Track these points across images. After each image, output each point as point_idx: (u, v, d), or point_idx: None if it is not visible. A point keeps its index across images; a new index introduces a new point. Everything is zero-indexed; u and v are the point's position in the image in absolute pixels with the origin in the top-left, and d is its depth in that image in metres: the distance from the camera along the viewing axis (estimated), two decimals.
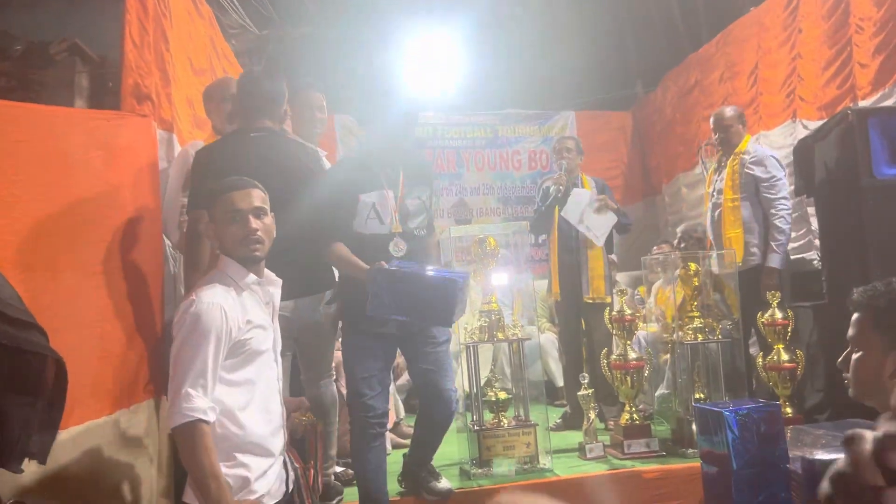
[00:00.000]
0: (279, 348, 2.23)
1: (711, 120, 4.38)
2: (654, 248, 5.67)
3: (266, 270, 2.29)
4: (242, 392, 2.04)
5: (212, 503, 1.85)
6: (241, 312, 2.06)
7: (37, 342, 1.41)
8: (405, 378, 5.18)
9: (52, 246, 2.45)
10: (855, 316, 1.66)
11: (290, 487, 2.19)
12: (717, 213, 4.28)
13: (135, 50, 3.03)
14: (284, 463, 2.18)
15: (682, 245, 5.06)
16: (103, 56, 4.73)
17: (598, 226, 4.36)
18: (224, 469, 1.95)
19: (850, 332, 1.67)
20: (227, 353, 2.01)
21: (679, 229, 5.31)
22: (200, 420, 1.88)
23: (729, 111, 4.35)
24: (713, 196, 4.35)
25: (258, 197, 2.20)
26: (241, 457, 2.02)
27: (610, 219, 4.40)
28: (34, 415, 1.39)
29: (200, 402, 1.89)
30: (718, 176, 4.32)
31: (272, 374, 2.16)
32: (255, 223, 2.14)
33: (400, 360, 5.34)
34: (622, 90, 7.85)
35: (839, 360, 1.70)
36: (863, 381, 1.61)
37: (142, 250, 2.81)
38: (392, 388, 4.37)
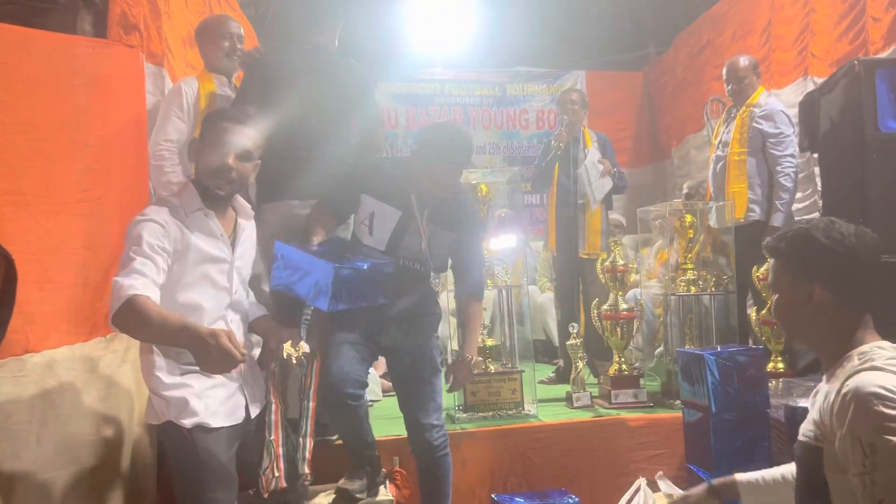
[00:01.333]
0: (239, 279, 2.26)
1: (724, 70, 4.25)
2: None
3: (241, 202, 2.31)
4: (189, 316, 2.05)
5: (192, 345, 1.81)
6: (183, 234, 2.10)
7: None
8: None
9: (33, 170, 2.44)
10: (769, 262, 1.74)
11: (249, 414, 2.19)
12: (719, 166, 4.20)
13: None
14: (242, 388, 2.19)
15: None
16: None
17: (597, 187, 4.33)
18: (165, 392, 2.02)
19: (768, 279, 1.74)
20: (172, 271, 2.06)
21: (686, 184, 5.23)
22: (133, 296, 1.86)
23: (743, 61, 4.20)
24: (718, 148, 4.26)
25: (252, 139, 2.21)
26: (183, 377, 2.06)
27: (606, 184, 4.37)
28: None
29: (127, 281, 1.89)
30: (726, 128, 4.22)
31: (224, 301, 2.19)
32: (234, 161, 2.16)
33: None
34: (634, 51, 7.72)
35: (767, 308, 1.78)
36: (785, 322, 1.68)
37: (125, 179, 2.79)
38: None
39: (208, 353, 1.79)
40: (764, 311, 3.61)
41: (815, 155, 4.29)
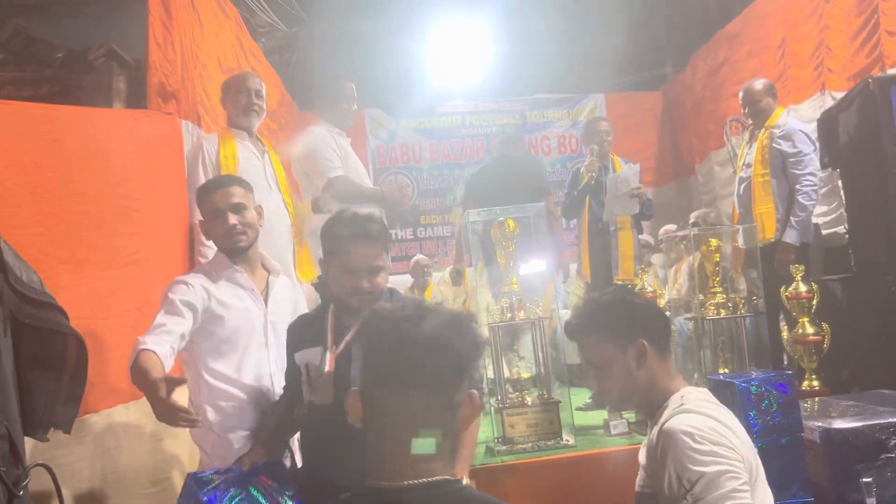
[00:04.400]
0: (274, 334, 2.38)
1: (741, 94, 4.31)
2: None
3: (265, 258, 2.48)
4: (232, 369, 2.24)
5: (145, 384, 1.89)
6: (216, 291, 2.29)
7: (58, 322, 1.53)
8: None
9: (85, 239, 2.60)
10: (580, 344, 1.81)
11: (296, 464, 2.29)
12: (743, 187, 4.24)
13: (158, 50, 3.17)
14: None
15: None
16: (139, 60, 4.94)
17: (618, 206, 4.36)
18: (207, 448, 2.21)
19: (584, 357, 1.81)
20: (207, 328, 2.24)
21: (692, 215, 5.27)
22: (140, 351, 1.99)
23: (758, 84, 4.25)
24: (742, 169, 4.31)
25: (237, 194, 2.40)
26: (228, 433, 2.23)
27: (631, 207, 4.38)
28: (59, 388, 1.52)
29: (142, 338, 2.05)
30: (749, 149, 4.28)
31: (261, 355, 2.33)
32: (232, 219, 2.36)
33: None
34: (651, 71, 7.79)
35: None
36: (618, 390, 1.75)
37: (170, 241, 2.95)
38: None
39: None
40: (795, 331, 3.64)
41: (838, 170, 4.32)
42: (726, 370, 3.66)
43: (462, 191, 4.26)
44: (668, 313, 4.62)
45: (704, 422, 1.53)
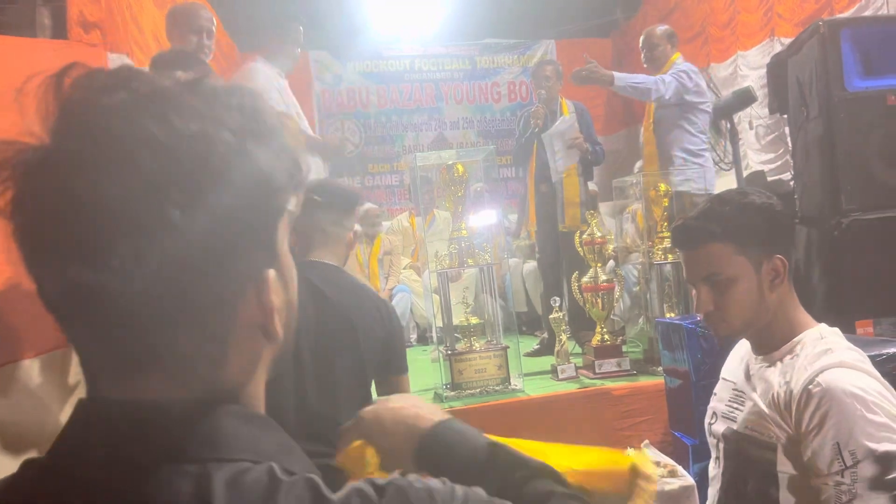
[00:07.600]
0: None
1: (641, 38, 4.29)
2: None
3: None
4: None
5: None
6: None
7: None
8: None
9: None
10: (694, 253, 1.46)
11: None
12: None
13: None
14: None
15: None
16: None
17: (559, 160, 4.32)
18: None
19: (698, 271, 1.45)
20: None
21: (637, 165, 5.27)
22: None
23: (658, 30, 4.24)
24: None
25: None
26: None
27: (573, 156, 4.33)
28: None
29: None
30: None
31: None
32: None
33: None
34: (602, 16, 7.69)
35: (698, 308, 1.48)
36: (746, 313, 1.42)
37: None
38: None
39: None
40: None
41: (785, 116, 4.33)
42: (672, 314, 3.69)
43: None
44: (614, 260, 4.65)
45: (872, 384, 1.27)
